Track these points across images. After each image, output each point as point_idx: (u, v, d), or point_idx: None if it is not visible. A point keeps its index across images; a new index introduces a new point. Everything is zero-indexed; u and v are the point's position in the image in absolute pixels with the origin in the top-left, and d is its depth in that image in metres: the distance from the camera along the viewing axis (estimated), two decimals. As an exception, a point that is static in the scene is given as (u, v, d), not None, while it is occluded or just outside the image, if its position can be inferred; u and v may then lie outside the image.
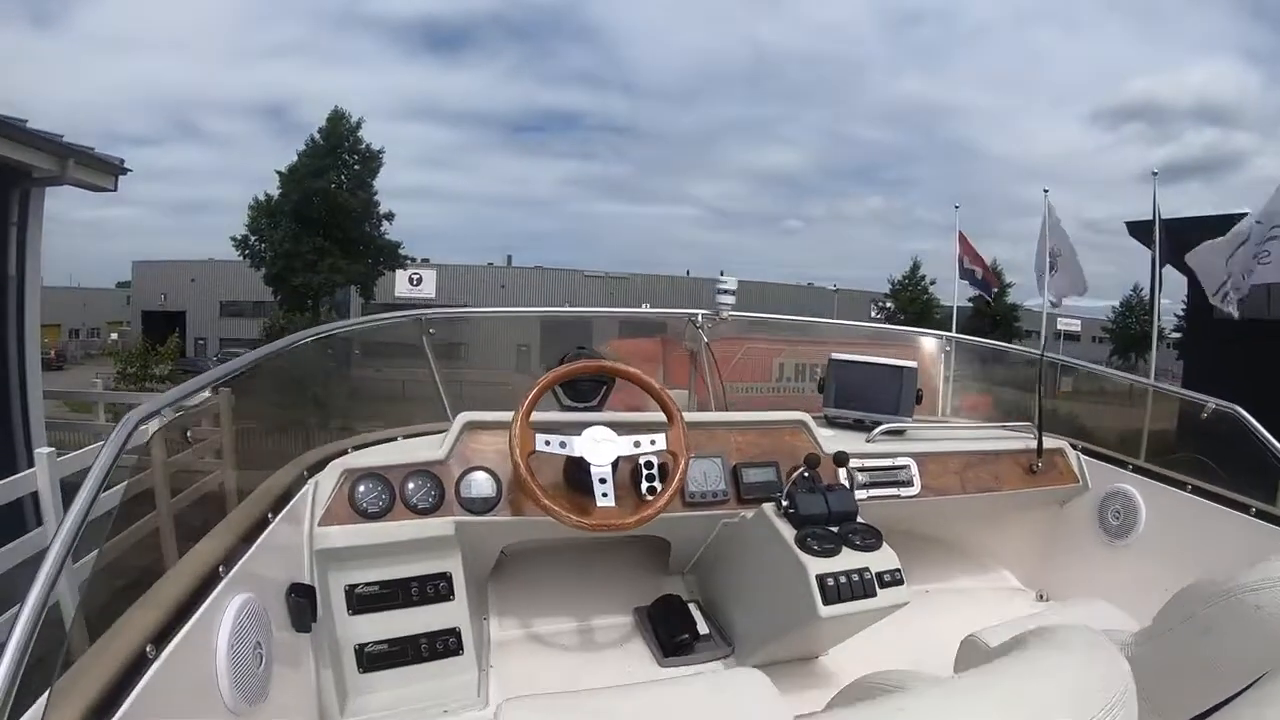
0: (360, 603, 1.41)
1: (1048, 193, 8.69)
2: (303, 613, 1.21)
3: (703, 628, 1.70)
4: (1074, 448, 2.09)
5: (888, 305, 30.04)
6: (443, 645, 1.47)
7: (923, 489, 1.84)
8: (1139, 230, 9.74)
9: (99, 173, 5.63)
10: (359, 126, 21.48)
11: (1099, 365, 3.02)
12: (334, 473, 1.43)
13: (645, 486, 1.52)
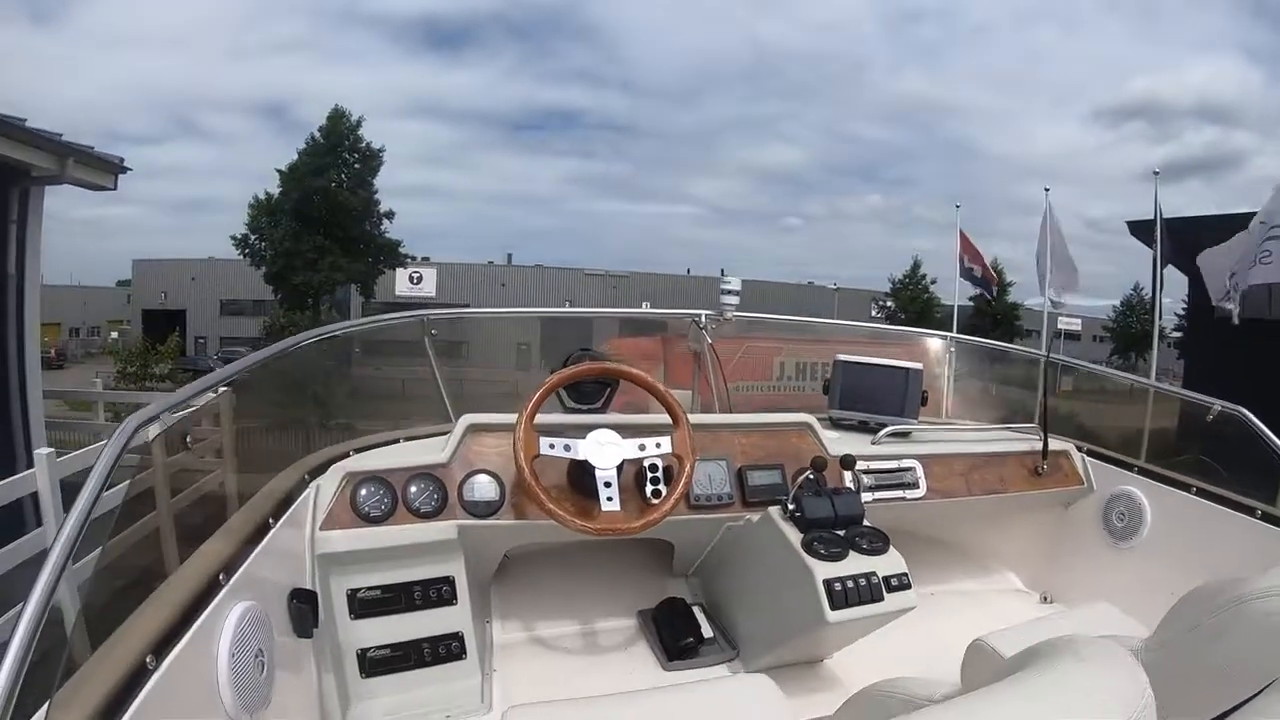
0: (362, 607, 1.40)
1: (1049, 191, 8.71)
2: (304, 618, 1.20)
3: (707, 631, 1.69)
4: (1079, 450, 2.08)
5: (888, 304, 30.00)
6: (446, 650, 1.45)
7: (928, 491, 1.83)
8: (1140, 229, 9.73)
9: (99, 171, 5.62)
10: (359, 125, 21.47)
11: (1100, 365, 3.02)
12: (335, 476, 1.42)
13: (650, 489, 1.51)
